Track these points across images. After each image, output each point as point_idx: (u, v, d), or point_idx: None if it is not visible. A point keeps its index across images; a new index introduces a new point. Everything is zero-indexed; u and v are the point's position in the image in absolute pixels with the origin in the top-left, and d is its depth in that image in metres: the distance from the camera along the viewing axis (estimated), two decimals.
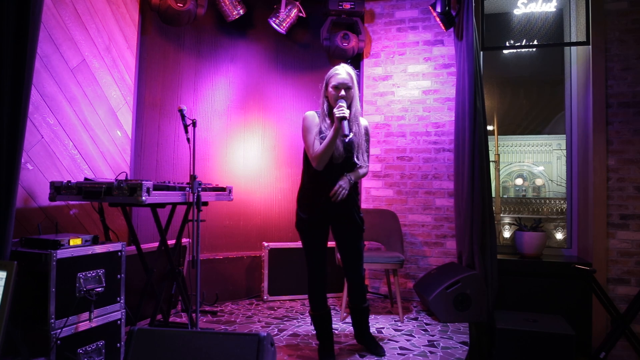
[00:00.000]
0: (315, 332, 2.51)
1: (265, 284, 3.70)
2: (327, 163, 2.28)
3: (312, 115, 2.35)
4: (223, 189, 2.87)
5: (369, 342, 2.56)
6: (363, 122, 2.43)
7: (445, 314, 3.02)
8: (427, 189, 3.90)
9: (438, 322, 3.14)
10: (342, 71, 2.29)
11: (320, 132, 2.29)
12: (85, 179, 2.49)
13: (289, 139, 4.07)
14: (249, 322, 3.11)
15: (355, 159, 2.33)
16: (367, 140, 2.44)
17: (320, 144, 2.25)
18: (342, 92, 2.24)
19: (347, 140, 2.18)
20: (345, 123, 2.15)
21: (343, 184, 2.29)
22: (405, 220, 3.90)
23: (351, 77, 2.28)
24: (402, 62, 4.02)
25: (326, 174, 2.32)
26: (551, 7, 3.59)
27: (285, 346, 2.62)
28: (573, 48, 3.69)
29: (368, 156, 2.45)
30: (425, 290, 3.20)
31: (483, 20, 3.61)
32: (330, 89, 2.28)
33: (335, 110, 2.20)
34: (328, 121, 2.33)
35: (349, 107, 2.27)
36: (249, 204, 3.90)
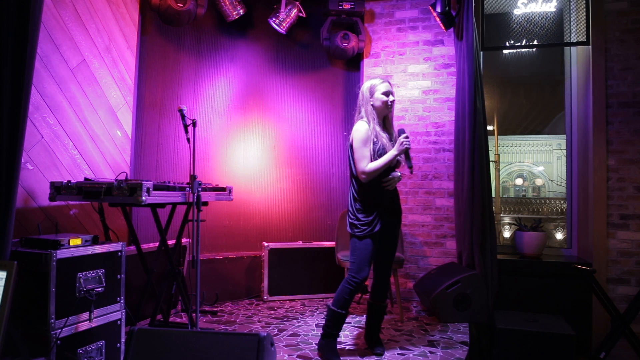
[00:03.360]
0: (316, 331, 2.50)
1: (265, 284, 3.70)
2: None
3: (367, 128, 2.40)
4: (223, 189, 2.87)
5: (374, 341, 2.57)
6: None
7: (445, 314, 3.02)
8: (427, 189, 3.90)
9: (438, 322, 3.13)
10: (385, 81, 2.48)
11: (373, 142, 2.38)
12: (85, 179, 2.49)
13: (289, 139, 4.07)
14: (249, 322, 3.11)
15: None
16: None
17: (373, 157, 2.36)
18: (392, 97, 2.44)
19: (412, 172, 2.40)
20: (406, 155, 2.36)
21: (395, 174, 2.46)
22: (405, 220, 3.90)
23: (392, 86, 2.52)
24: (402, 62, 4.02)
25: (385, 177, 2.41)
26: (551, 7, 3.59)
27: (285, 346, 2.62)
28: (573, 48, 3.69)
29: None
30: (425, 290, 3.20)
31: (483, 20, 3.61)
32: (380, 95, 2.43)
33: (404, 141, 2.34)
34: (377, 128, 2.41)
35: (390, 115, 2.51)
36: (249, 204, 3.90)
